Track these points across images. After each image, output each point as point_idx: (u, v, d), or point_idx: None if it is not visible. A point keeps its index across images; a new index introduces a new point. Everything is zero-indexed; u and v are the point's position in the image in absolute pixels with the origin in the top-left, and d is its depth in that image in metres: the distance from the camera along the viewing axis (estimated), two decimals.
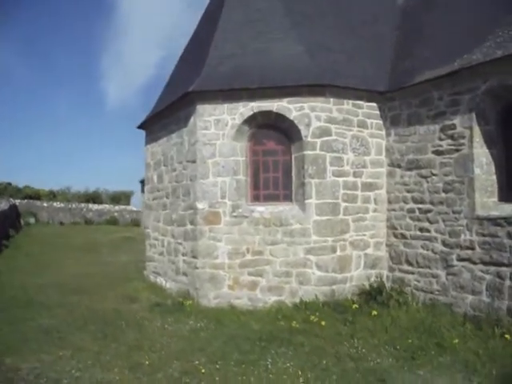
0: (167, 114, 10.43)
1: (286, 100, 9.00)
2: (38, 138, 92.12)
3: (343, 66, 9.68)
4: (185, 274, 9.48)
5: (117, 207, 33.52)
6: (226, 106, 9.07)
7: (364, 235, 9.37)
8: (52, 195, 36.33)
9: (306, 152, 8.94)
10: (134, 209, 33.86)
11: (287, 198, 9.33)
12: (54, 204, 30.83)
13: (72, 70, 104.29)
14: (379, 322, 7.54)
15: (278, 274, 8.88)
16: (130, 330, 7.45)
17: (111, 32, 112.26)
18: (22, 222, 26.16)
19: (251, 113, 9.03)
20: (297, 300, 8.73)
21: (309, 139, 8.94)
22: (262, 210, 9.10)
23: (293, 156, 9.25)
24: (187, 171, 9.46)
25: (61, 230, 26.47)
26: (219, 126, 9.06)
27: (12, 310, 8.45)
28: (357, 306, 8.31)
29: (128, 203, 38.86)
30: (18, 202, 28.31)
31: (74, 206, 31.38)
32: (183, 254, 9.59)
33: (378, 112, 9.63)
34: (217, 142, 9.05)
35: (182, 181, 9.66)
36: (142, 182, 29.84)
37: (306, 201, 8.93)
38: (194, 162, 9.16)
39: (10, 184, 36.28)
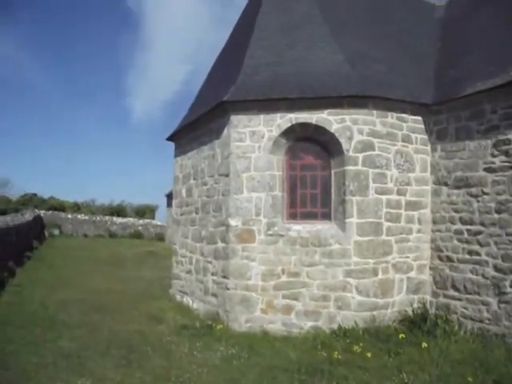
0: (198, 126, 9.90)
1: (326, 112, 8.37)
2: (65, 151, 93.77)
3: (385, 77, 9.04)
4: (214, 295, 8.80)
5: (141, 221, 33.20)
6: (262, 117, 8.49)
7: (407, 257, 8.59)
8: (76, 207, 36.27)
9: (347, 167, 8.26)
10: (159, 223, 33.50)
11: (326, 216, 8.62)
12: (79, 216, 30.69)
13: (99, 84, 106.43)
14: (427, 354, 6.79)
15: (315, 297, 8.13)
16: (156, 355, 6.79)
17: (137, 47, 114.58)
18: (46, 233, 25.99)
19: (289, 124, 8.42)
20: (334, 326, 7.96)
21: (350, 154, 8.27)
22: (299, 228, 8.40)
23: (332, 171, 8.57)
24: (219, 185, 8.86)
25: (85, 242, 26.18)
26: (255, 138, 8.47)
27: (31, 328, 7.87)
28: (403, 334, 7.52)
29: (153, 217, 38.59)
30: (42, 213, 28.25)
31: (98, 218, 31.18)
32: (213, 274, 8.93)
33: (422, 126, 8.94)
34: (252, 155, 8.44)
35: (214, 196, 9.05)
36: (168, 196, 29.51)
37: (347, 220, 8.21)
38: (227, 175, 8.55)
39: (35, 195, 36.39)
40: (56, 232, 27.45)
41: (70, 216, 30.25)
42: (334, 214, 8.49)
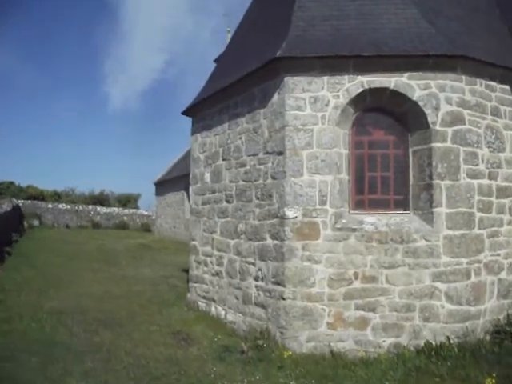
0: (231, 94, 7.59)
1: (406, 75, 6.31)
2: (40, 139, 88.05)
3: (467, 38, 7.05)
4: (260, 306, 6.60)
5: (126, 211, 30.18)
6: (325, 79, 6.31)
7: (498, 255, 6.74)
8: (57, 196, 32.71)
9: (434, 144, 6.24)
10: (145, 213, 30.63)
11: (400, 204, 6.59)
12: (60, 206, 27.35)
13: (75, 73, 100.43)
14: None
15: (397, 307, 6.11)
16: None
17: (114, 36, 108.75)
18: (25, 224, 22.90)
19: (360, 90, 6.30)
20: (420, 342, 6.05)
21: (438, 127, 6.26)
22: (374, 220, 6.31)
23: (410, 150, 6.53)
24: (266, 166, 6.62)
25: (68, 234, 23.20)
26: (317, 106, 6.28)
27: (24, 358, 5.47)
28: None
29: (135, 207, 35.67)
30: (21, 202, 24.97)
31: (80, 208, 28.00)
32: (257, 279, 6.72)
33: (511, 97, 7.00)
34: (314, 128, 6.26)
35: (258, 179, 6.81)
36: (157, 184, 26.81)
37: (434, 209, 6.21)
38: (280, 153, 6.34)
39: (12, 183, 32.66)
40: (36, 223, 24.30)
41: (50, 205, 26.94)
42: (414, 202, 6.47)
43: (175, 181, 23.44)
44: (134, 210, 31.26)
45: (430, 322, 6.13)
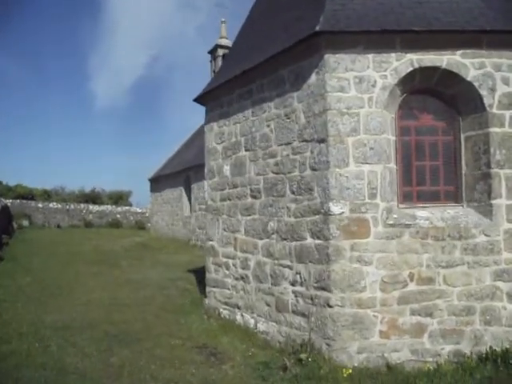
0: (253, 77, 6.68)
1: (459, 52, 5.52)
2: (26, 137, 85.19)
3: None
4: (300, 314, 5.76)
5: (119, 208, 28.89)
6: (370, 57, 5.47)
7: None
8: (47, 195, 31.11)
9: (492, 129, 5.50)
10: (139, 210, 29.38)
11: (451, 196, 5.84)
12: (50, 205, 25.94)
13: (60, 70, 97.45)
14: None
15: (456, 310, 5.38)
16: None
17: (100, 32, 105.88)
18: (14, 225, 21.56)
19: (410, 69, 5.49)
20: (481, 348, 5.33)
21: (494, 110, 5.49)
22: (428, 215, 5.52)
23: (462, 136, 5.76)
24: (303, 156, 5.76)
25: (60, 234, 21.94)
26: (363, 87, 5.44)
27: None
28: None
29: (126, 204, 34.36)
30: (9, 202, 23.55)
31: (72, 206, 26.62)
32: (295, 283, 5.87)
33: None
34: (360, 111, 5.41)
35: (292, 171, 5.94)
36: (152, 181, 25.68)
37: (493, 201, 5.47)
38: (321, 141, 5.47)
39: (0, 182, 31.05)
40: (26, 223, 22.94)
41: (40, 205, 25.51)
42: (468, 193, 5.71)
43: (173, 176, 22.36)
44: (127, 208, 29.99)
45: (492, 326, 5.43)
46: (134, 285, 10.32)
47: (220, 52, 26.88)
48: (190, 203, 20.84)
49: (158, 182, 24.74)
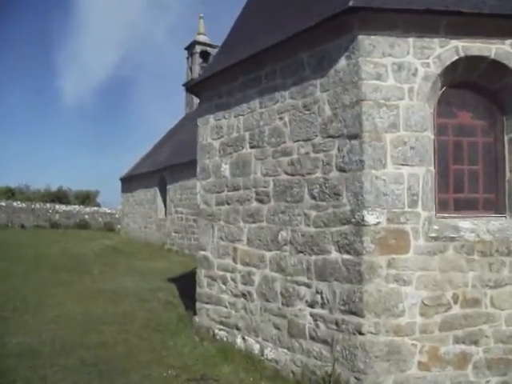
0: (262, 62, 5.65)
1: (508, 42, 4.71)
2: None
3: None
4: (321, 341, 4.76)
5: (87, 209, 26.97)
6: (410, 41, 4.57)
7: None
8: (10, 193, 28.67)
9: None
10: (108, 211, 27.55)
11: (491, 205, 5.02)
12: (14, 204, 23.78)
13: (27, 66, 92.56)
14: None
15: (504, 337, 4.56)
16: None
17: (67, 27, 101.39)
18: None
19: (455, 58, 4.63)
20: None
21: None
22: (472, 226, 4.67)
23: (506, 137, 4.96)
24: (328, 155, 4.78)
25: (24, 235, 19.99)
26: (402, 76, 4.53)
27: None
28: None
29: (94, 204, 32.35)
30: None
31: (37, 206, 24.53)
32: (313, 305, 4.87)
33: None
34: (400, 104, 4.50)
35: (313, 172, 4.95)
36: (123, 180, 24.08)
37: None
38: (353, 137, 4.52)
39: None
40: None
41: (3, 203, 23.26)
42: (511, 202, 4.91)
43: (146, 176, 20.89)
44: (95, 208, 28.12)
45: None
46: (109, 296, 9.03)
47: (198, 49, 25.75)
48: (165, 205, 19.52)
49: (130, 182, 23.16)
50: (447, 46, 4.63)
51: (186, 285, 9.84)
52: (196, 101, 25.12)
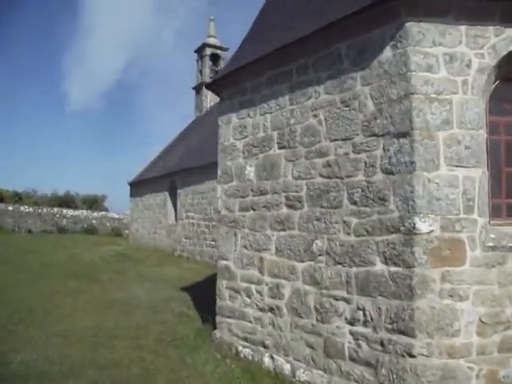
0: (292, 55, 5.23)
1: None
2: None
3: None
4: (363, 363, 4.27)
5: (95, 213, 26.66)
6: (462, 29, 4.13)
7: None
8: (18, 197, 28.42)
9: None
10: (116, 216, 27.22)
11: None
12: (22, 208, 23.50)
13: (35, 70, 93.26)
14: None
15: None
16: None
17: (74, 32, 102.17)
18: None
19: (511, 48, 4.17)
20: None
21: None
22: None
23: None
24: (372, 155, 4.32)
25: (31, 240, 19.66)
26: (455, 68, 4.08)
27: None
28: None
29: (101, 208, 32.06)
30: None
31: (45, 210, 24.26)
32: (354, 322, 4.39)
33: None
34: (453, 98, 4.05)
35: (353, 175, 4.49)
36: (132, 185, 23.76)
37: None
38: (402, 135, 4.06)
39: None
40: None
41: (10, 208, 23.04)
42: None
43: (156, 180, 20.51)
44: (103, 213, 27.78)
45: None
46: (120, 307, 8.58)
47: (208, 51, 25.52)
48: (176, 210, 19.11)
49: (138, 187, 22.81)
50: (502, 35, 4.18)
51: (201, 294, 9.39)
52: (206, 104, 24.90)
